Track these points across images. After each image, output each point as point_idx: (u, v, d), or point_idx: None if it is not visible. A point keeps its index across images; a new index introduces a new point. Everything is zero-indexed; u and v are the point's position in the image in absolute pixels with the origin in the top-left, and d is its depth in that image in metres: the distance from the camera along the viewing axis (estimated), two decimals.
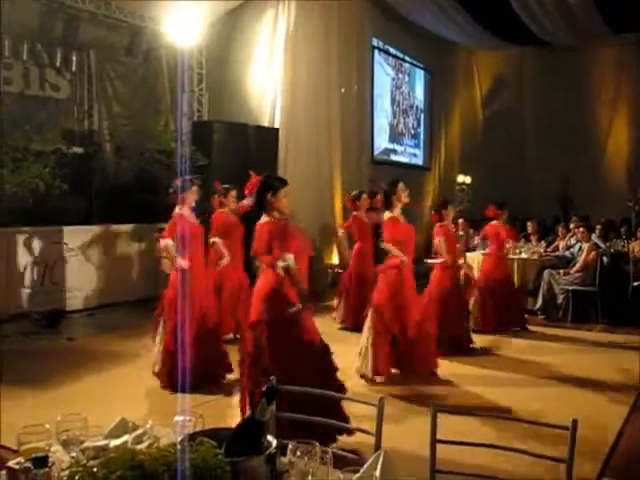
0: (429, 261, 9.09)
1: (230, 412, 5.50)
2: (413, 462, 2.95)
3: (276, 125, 12.62)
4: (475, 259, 10.73)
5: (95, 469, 1.80)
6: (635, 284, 10.04)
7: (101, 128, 11.50)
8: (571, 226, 11.58)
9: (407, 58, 18.38)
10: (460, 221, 12.39)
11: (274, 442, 2.01)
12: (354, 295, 8.98)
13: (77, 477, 1.79)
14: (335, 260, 13.63)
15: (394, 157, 17.86)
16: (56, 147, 9.77)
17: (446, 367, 6.98)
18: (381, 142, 17.17)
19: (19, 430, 2.09)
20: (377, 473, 2.02)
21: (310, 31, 13.20)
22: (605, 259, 10.38)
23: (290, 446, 1.95)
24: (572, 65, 17.70)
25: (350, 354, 6.58)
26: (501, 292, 9.18)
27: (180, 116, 11.95)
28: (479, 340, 8.32)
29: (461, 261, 8.51)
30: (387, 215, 6.73)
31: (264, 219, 4.87)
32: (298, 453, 1.92)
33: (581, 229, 10.51)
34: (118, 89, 11.70)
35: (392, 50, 17.55)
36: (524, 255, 10.85)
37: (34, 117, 9.96)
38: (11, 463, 2.04)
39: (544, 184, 17.76)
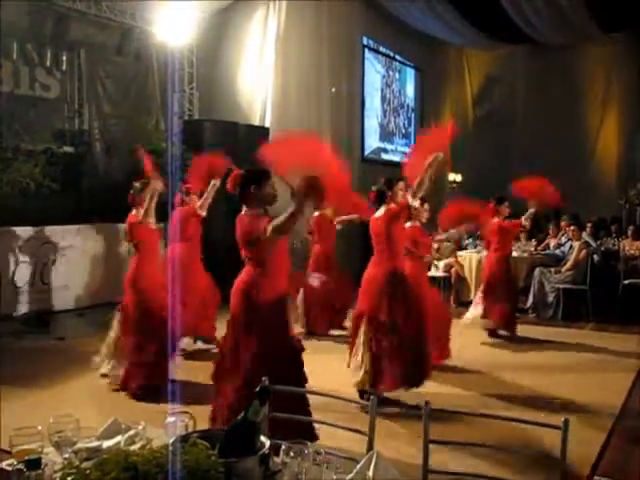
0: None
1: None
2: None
3: (267, 124, 12.61)
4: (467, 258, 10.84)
5: (88, 471, 1.80)
6: (626, 282, 10.09)
7: (91, 127, 11.44)
8: (562, 224, 11.61)
9: (397, 57, 18.37)
10: None
11: (267, 442, 2.01)
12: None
13: (70, 479, 1.79)
14: None
15: (385, 156, 17.85)
16: (46, 146, 9.73)
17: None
18: (372, 141, 17.17)
19: (11, 432, 2.09)
20: (370, 474, 2.02)
21: (301, 30, 13.19)
22: (596, 257, 10.42)
23: (283, 446, 1.95)
24: (563, 64, 17.72)
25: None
26: None
27: (171, 115, 11.90)
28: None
29: None
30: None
31: (244, 212, 4.47)
32: (291, 453, 1.93)
33: (572, 227, 10.53)
34: (108, 88, 11.64)
35: (382, 49, 17.54)
36: (515, 253, 10.82)
37: (24, 117, 9.91)
38: (3, 465, 2.03)
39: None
